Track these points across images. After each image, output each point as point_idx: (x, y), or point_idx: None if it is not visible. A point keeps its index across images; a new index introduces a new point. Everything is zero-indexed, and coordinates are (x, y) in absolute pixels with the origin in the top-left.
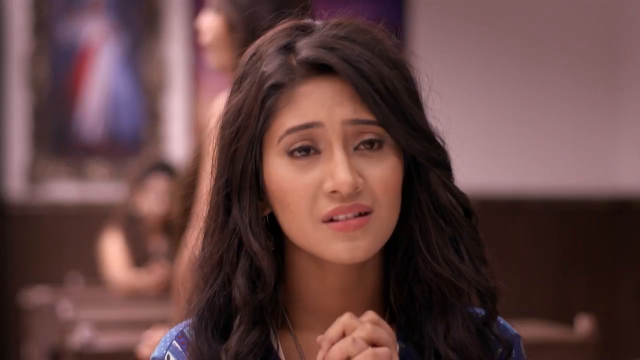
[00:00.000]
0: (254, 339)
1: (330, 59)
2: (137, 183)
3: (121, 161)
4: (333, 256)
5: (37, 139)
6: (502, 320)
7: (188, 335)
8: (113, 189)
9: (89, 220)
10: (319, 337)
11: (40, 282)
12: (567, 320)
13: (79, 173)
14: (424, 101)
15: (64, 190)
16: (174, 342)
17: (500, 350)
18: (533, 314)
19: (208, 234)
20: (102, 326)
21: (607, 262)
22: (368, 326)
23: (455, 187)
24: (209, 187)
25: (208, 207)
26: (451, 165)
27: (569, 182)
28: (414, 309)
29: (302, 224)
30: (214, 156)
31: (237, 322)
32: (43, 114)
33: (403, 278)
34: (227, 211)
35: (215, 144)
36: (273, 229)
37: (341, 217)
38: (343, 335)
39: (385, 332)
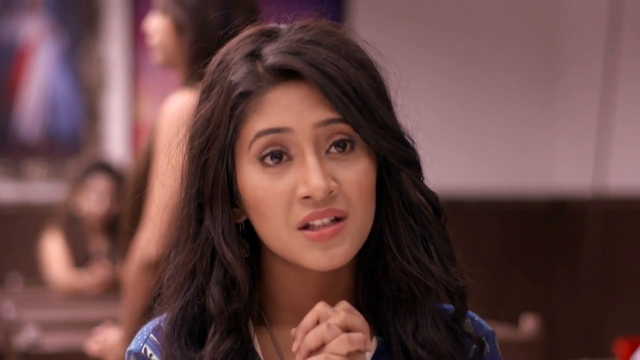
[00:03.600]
0: (229, 346)
1: (296, 64)
2: (78, 183)
3: (60, 161)
4: (311, 264)
5: None
6: (476, 317)
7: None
8: (52, 189)
9: (28, 221)
10: (294, 329)
11: None
12: (506, 319)
13: (16, 173)
14: (393, 100)
15: (2, 190)
16: (151, 335)
17: (474, 347)
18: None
19: (180, 243)
20: (46, 327)
21: (545, 262)
22: (342, 313)
23: (425, 186)
24: (180, 197)
25: (180, 217)
26: (421, 164)
27: (506, 183)
28: (381, 307)
29: (278, 231)
30: (184, 166)
31: (212, 330)
32: None
33: (371, 276)
34: (199, 221)
35: (185, 153)
36: (249, 233)
37: (317, 222)
38: (317, 323)
39: (359, 319)
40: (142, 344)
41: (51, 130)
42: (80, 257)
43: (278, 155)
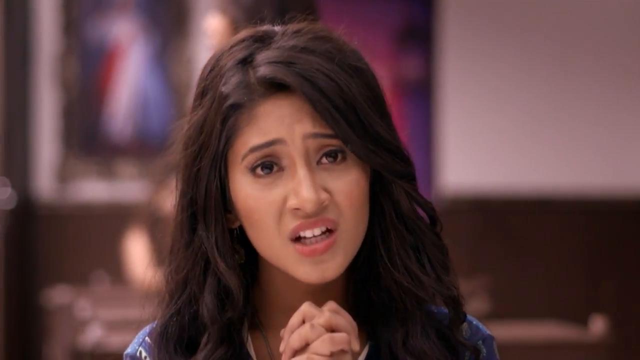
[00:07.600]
0: (221, 355)
1: (287, 77)
2: (160, 182)
3: (150, 161)
4: (302, 277)
5: (66, 138)
6: (474, 321)
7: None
8: (142, 188)
9: (117, 220)
10: (282, 330)
11: (67, 282)
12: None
13: (107, 172)
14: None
15: (93, 189)
16: (147, 338)
17: (467, 354)
18: (559, 314)
19: (174, 250)
20: (117, 325)
21: (636, 262)
22: (327, 313)
23: (420, 196)
24: (174, 203)
25: (173, 224)
26: (415, 175)
27: (598, 182)
28: (370, 314)
29: (270, 241)
30: (178, 172)
31: (204, 339)
32: (72, 113)
33: (362, 283)
34: (193, 229)
35: (179, 160)
36: (244, 237)
37: (307, 233)
38: (303, 323)
39: (345, 319)
40: (137, 347)
41: (142, 130)
42: (163, 257)
43: (269, 166)
